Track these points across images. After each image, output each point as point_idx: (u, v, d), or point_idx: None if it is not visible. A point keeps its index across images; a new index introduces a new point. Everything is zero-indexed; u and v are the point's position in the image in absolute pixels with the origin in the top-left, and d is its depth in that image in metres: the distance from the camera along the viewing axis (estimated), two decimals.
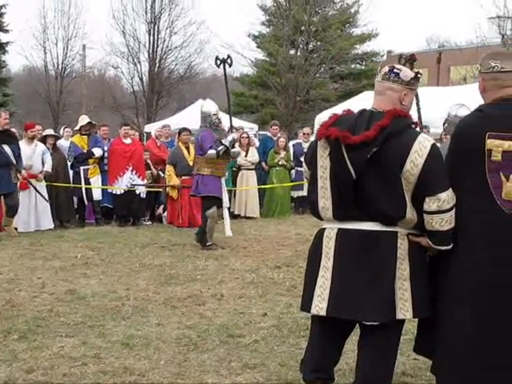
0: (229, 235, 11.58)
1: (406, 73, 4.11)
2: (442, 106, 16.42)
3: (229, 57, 11.86)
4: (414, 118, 4.17)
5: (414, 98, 4.27)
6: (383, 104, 4.05)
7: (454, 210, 3.94)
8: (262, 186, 16.25)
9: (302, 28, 35.68)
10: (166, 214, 14.65)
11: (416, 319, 4.35)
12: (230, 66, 11.79)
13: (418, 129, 4.14)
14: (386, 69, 4.13)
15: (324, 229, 4.18)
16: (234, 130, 12.22)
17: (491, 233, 3.93)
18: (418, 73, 4.12)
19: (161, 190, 15.07)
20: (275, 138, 16.95)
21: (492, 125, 3.94)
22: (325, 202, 4.10)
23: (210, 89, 46.12)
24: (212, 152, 10.97)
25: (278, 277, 8.89)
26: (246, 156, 16.16)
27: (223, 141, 11.08)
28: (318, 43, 37.16)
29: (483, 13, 31.21)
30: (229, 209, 12.07)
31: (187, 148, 13.89)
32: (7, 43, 30.56)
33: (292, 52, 36.36)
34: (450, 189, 3.92)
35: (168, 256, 10.41)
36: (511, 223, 3.91)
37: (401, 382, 5.18)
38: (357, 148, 3.90)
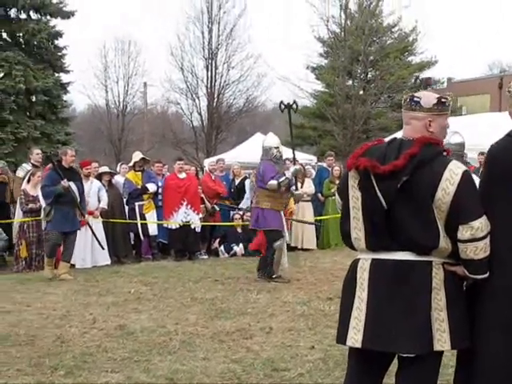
0: (285, 267, 11.50)
1: (428, 99, 4.02)
2: (503, 131, 16.28)
3: (294, 102, 12.04)
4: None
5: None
6: (411, 133, 4.00)
7: (488, 237, 3.84)
8: (319, 218, 16.17)
9: (359, 58, 35.65)
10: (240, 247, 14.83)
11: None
12: (296, 111, 11.92)
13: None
14: (407, 98, 4.07)
15: (358, 259, 4.12)
16: (296, 163, 12.28)
17: None
18: (441, 97, 4.05)
19: (216, 223, 15.14)
20: (330, 169, 16.90)
21: None
22: (357, 232, 4.04)
23: (270, 121, 46.38)
24: (273, 182, 11.02)
25: (329, 309, 8.80)
26: (301, 187, 16.11)
27: (286, 172, 11.15)
28: (376, 72, 37.08)
29: None
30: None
31: None
32: (68, 83, 31.20)
33: (349, 82, 36.33)
34: (484, 216, 3.82)
35: (220, 290, 10.42)
36: None
37: None
38: (386, 178, 3.84)
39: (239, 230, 15.23)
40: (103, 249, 13.13)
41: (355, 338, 3.98)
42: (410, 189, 3.82)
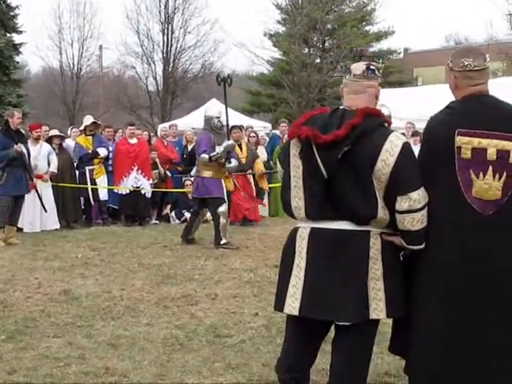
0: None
1: (378, 67, 4.07)
2: None
3: (229, 76, 12.10)
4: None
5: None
6: (361, 102, 3.98)
7: (425, 209, 3.88)
8: (270, 185, 16.17)
9: (317, 26, 35.59)
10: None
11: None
12: (230, 85, 11.93)
13: (390, 127, 4.07)
14: (363, 67, 4.06)
15: (297, 228, 4.13)
16: (230, 136, 12.29)
17: (462, 231, 3.87)
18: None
19: (168, 189, 15.10)
20: (282, 136, 16.88)
21: (461, 122, 3.88)
22: (298, 201, 4.04)
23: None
24: (205, 156, 11.09)
25: (276, 276, 8.74)
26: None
27: (217, 148, 11.13)
28: (333, 41, 37.06)
29: (497, 10, 31.09)
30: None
31: (239, 145, 14.04)
32: (21, 44, 30.59)
33: (306, 50, 36.27)
34: (422, 188, 3.85)
35: (168, 256, 10.41)
36: (481, 221, 3.86)
37: (383, 381, 5.17)
38: (328, 147, 3.83)
39: (190, 196, 15.15)
40: (46, 211, 12.94)
41: (293, 305, 3.99)
42: (351, 159, 3.82)
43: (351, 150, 3.81)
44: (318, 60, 35.98)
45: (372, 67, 4.05)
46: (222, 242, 11.15)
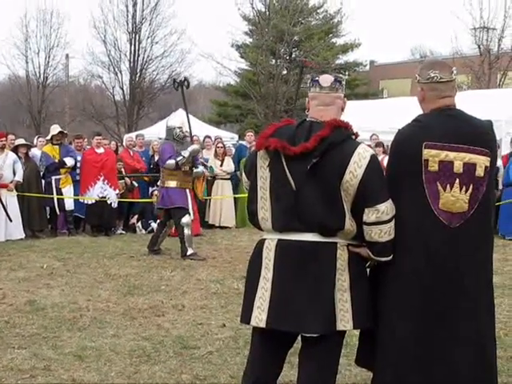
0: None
1: (343, 80, 4.12)
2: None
3: (185, 79, 12.21)
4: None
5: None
6: (329, 114, 4.00)
7: (393, 221, 3.91)
8: (237, 196, 16.19)
9: (284, 38, 35.72)
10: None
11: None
12: (188, 87, 12.03)
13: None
14: (332, 79, 4.09)
15: (264, 239, 4.13)
16: (195, 142, 12.36)
17: (429, 244, 3.92)
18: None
19: (134, 199, 15.04)
20: (249, 146, 16.89)
21: (429, 135, 3.93)
22: (264, 212, 4.04)
23: (193, 98, 46.10)
24: (171, 162, 11.15)
25: (243, 287, 8.80)
26: (221, 165, 16.16)
27: (183, 152, 11.13)
28: (300, 53, 37.21)
29: (461, 24, 31.55)
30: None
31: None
32: None
33: (273, 62, 36.38)
34: (390, 200, 3.89)
35: (135, 266, 10.37)
36: (448, 234, 3.91)
37: None
38: (296, 159, 3.85)
39: (156, 206, 15.07)
40: (11, 221, 12.82)
41: (259, 317, 3.99)
42: (319, 171, 3.84)
43: (319, 162, 3.83)
44: (284, 71, 36.08)
45: (339, 79, 4.10)
46: (189, 252, 11.11)
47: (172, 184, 11.23)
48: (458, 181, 3.93)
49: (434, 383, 3.90)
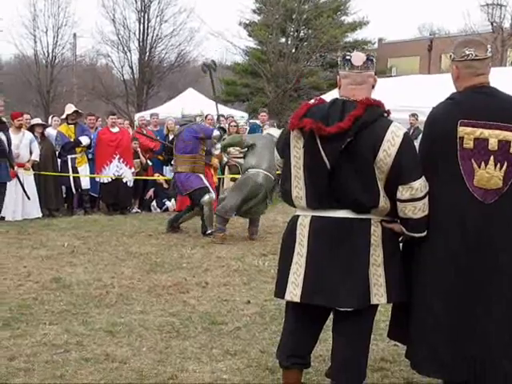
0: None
1: (374, 58, 4.18)
2: (432, 93, 16.53)
3: (213, 62, 12.26)
4: None
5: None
6: (362, 93, 4.05)
7: (427, 197, 3.99)
8: None
9: (293, 16, 35.57)
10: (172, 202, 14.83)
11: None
12: (215, 70, 12.09)
13: (390, 117, 4.14)
14: (364, 58, 4.12)
15: (298, 216, 4.19)
16: (221, 120, 12.45)
17: (464, 220, 3.98)
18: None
19: (148, 178, 15.12)
20: (262, 125, 16.92)
21: (464, 112, 3.99)
22: (298, 191, 4.11)
23: (201, 77, 45.98)
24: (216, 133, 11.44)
25: (264, 264, 8.95)
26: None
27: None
28: (309, 31, 37.07)
29: (472, 1, 31.30)
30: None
31: None
32: None
33: (283, 40, 36.27)
34: (423, 177, 3.96)
35: (154, 244, 10.46)
36: (483, 210, 3.97)
37: (379, 367, 5.24)
38: (331, 139, 3.91)
39: (165, 185, 15.15)
40: (29, 199, 12.92)
41: (294, 292, 4.07)
42: (353, 150, 3.90)
43: (353, 141, 3.89)
44: (293, 50, 35.95)
45: (371, 58, 4.15)
46: (209, 231, 11.17)
47: (184, 169, 11.25)
48: (492, 158, 3.98)
49: (468, 358, 3.98)
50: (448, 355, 4.00)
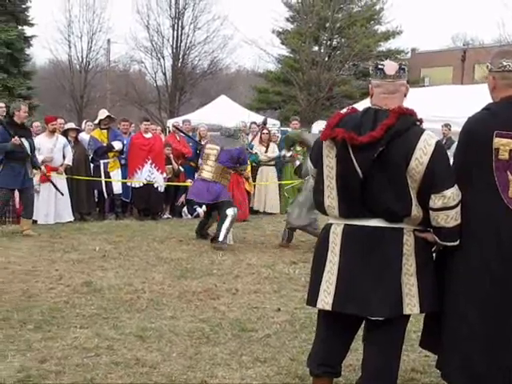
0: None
1: (407, 66, 4.17)
2: (465, 104, 16.45)
3: None
4: None
5: None
6: (395, 102, 4.05)
7: (459, 206, 3.97)
8: (282, 182, 16.26)
9: (326, 25, 35.64)
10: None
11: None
12: None
13: (422, 126, 4.13)
14: (396, 67, 4.12)
15: (331, 224, 4.20)
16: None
17: (500, 232, 3.96)
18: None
19: (180, 184, 15.17)
20: None
21: (500, 123, 3.97)
22: (331, 201, 4.11)
23: (233, 84, 46.23)
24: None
25: (294, 272, 8.94)
26: (266, 152, 16.23)
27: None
28: (342, 40, 37.13)
29: (508, 11, 31.04)
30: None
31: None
32: (32, 37, 30.77)
33: (315, 48, 36.33)
34: (456, 186, 3.94)
35: (185, 250, 10.49)
36: None
37: (410, 378, 5.21)
38: (363, 148, 3.91)
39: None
40: (62, 195, 13.02)
41: (325, 300, 4.07)
42: (385, 158, 3.90)
43: (386, 150, 3.89)
44: (326, 58, 36.00)
45: (403, 66, 4.14)
46: (220, 239, 10.81)
47: (214, 177, 11.17)
48: None
49: (503, 368, 3.95)
50: (482, 365, 3.97)
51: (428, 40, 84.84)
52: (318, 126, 10.91)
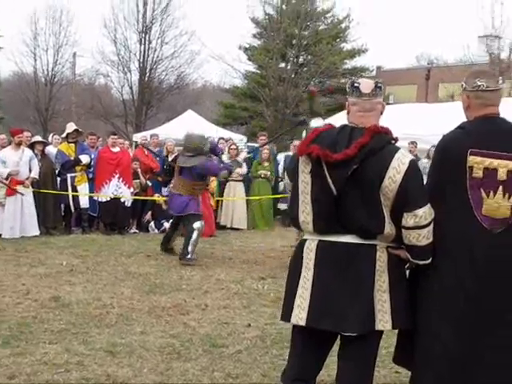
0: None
1: (382, 85, 4.20)
2: (431, 122, 16.61)
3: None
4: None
5: None
6: (370, 120, 4.06)
7: (431, 225, 3.99)
8: (249, 198, 16.28)
9: (293, 41, 35.81)
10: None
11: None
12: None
13: (397, 144, 4.16)
14: (372, 85, 4.14)
15: (305, 240, 4.21)
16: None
17: (473, 249, 3.98)
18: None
19: (148, 198, 15.11)
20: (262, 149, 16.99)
21: (474, 142, 4.00)
22: (306, 216, 4.12)
23: (200, 99, 46.20)
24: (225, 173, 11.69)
25: (263, 288, 8.94)
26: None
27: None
28: (309, 57, 37.31)
29: (472, 31, 31.44)
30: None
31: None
32: None
33: (282, 65, 36.47)
34: (428, 205, 3.96)
35: (153, 265, 10.45)
36: (491, 239, 3.98)
37: None
38: (338, 165, 3.93)
39: (164, 206, 15.12)
40: (23, 195, 12.92)
41: (300, 316, 4.06)
42: (359, 176, 3.92)
43: (360, 168, 3.91)
44: (293, 75, 36.12)
45: (379, 85, 4.17)
46: (188, 256, 10.78)
47: (184, 192, 11.03)
48: (501, 188, 4.00)
49: None
50: (456, 383, 4.00)
51: (393, 58, 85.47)
52: (315, 123, 10.78)
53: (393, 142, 4.07)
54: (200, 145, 11.15)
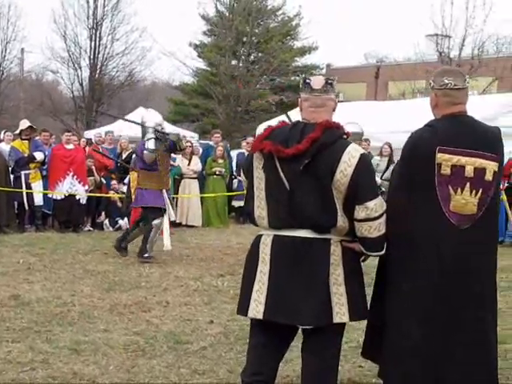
0: (167, 249, 11.02)
1: (334, 81, 4.26)
2: (383, 119, 16.79)
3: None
4: None
5: None
6: (322, 116, 4.12)
7: (383, 217, 4.07)
8: (205, 195, 16.30)
9: (244, 39, 35.88)
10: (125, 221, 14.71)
11: (363, 327, 4.50)
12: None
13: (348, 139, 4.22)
14: (323, 81, 4.20)
15: (261, 235, 4.25)
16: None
17: (440, 244, 4.07)
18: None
19: (102, 196, 15.03)
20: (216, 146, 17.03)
21: (442, 140, 4.09)
22: (261, 211, 4.19)
23: (150, 96, 45.95)
24: (145, 152, 10.69)
25: (223, 285, 8.97)
26: (188, 164, 16.26)
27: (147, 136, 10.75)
28: (260, 54, 37.42)
29: (421, 30, 31.77)
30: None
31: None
32: None
33: (234, 62, 36.51)
34: (379, 197, 4.05)
35: (111, 263, 10.42)
36: (458, 235, 4.07)
37: None
38: (290, 160, 4.00)
39: (119, 203, 15.09)
40: None
41: (257, 309, 4.10)
42: (312, 171, 3.98)
43: (312, 162, 3.98)
44: (245, 72, 36.20)
45: (330, 81, 4.23)
46: (146, 255, 10.70)
47: (148, 185, 10.82)
48: (468, 184, 4.09)
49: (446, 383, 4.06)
50: (427, 381, 4.08)
51: (343, 57, 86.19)
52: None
53: (344, 136, 4.14)
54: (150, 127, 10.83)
